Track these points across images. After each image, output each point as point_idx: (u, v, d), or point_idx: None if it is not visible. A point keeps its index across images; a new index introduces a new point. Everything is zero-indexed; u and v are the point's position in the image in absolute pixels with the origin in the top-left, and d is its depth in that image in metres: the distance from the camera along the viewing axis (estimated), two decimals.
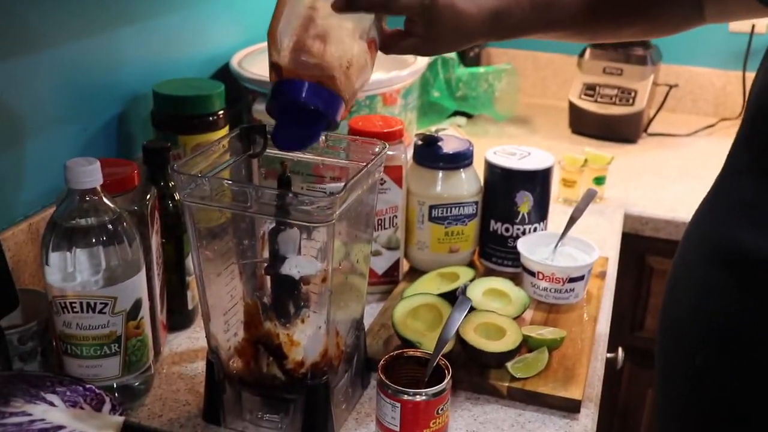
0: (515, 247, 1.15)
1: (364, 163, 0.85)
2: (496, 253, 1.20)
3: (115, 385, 0.89)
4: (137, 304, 0.88)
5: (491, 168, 1.18)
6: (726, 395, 0.79)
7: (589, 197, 1.20)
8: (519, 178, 1.16)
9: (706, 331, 0.80)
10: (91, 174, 0.83)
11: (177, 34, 1.35)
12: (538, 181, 1.17)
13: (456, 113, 1.81)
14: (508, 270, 1.20)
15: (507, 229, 1.18)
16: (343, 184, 0.80)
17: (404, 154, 1.12)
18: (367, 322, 1.07)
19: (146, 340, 0.91)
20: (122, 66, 1.22)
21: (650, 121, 1.85)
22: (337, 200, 0.78)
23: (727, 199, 0.81)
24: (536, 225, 1.18)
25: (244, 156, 0.93)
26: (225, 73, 1.43)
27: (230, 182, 0.84)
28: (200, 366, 0.99)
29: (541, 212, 1.19)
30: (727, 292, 0.77)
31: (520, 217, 1.17)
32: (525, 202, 1.16)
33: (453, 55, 1.77)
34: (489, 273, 1.20)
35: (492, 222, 1.19)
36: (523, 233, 1.18)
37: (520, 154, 1.19)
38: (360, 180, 0.83)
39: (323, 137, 0.93)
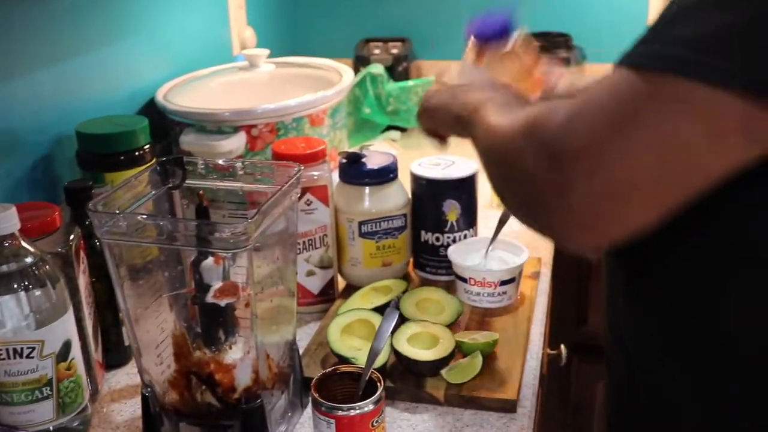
0: (447, 256, 1.17)
1: (279, 187, 0.87)
2: (429, 263, 1.22)
3: (51, 428, 0.89)
4: (66, 346, 0.89)
5: (417, 180, 1.20)
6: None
7: None
8: (444, 188, 1.18)
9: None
10: (7, 220, 0.84)
11: (99, 72, 1.35)
12: (464, 189, 1.19)
13: (389, 128, 1.83)
14: (443, 278, 1.21)
15: (437, 239, 1.20)
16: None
17: (328, 173, 1.13)
18: (306, 342, 1.08)
19: (80, 381, 0.91)
20: (44, 108, 1.22)
21: None
22: (251, 225, 0.79)
23: None
24: (465, 232, 1.21)
25: (163, 189, 0.94)
26: (152, 108, 1.43)
27: (145, 216, 0.85)
28: (139, 402, 0.99)
29: (469, 219, 1.21)
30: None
31: (449, 225, 1.19)
32: (452, 211, 1.18)
33: (381, 70, 1.79)
34: (424, 283, 1.22)
35: (423, 232, 1.21)
36: (454, 241, 1.20)
37: (444, 163, 1.22)
38: (276, 204, 0.85)
39: (241, 164, 0.94)
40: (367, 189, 1.17)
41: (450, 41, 2.11)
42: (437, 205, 1.18)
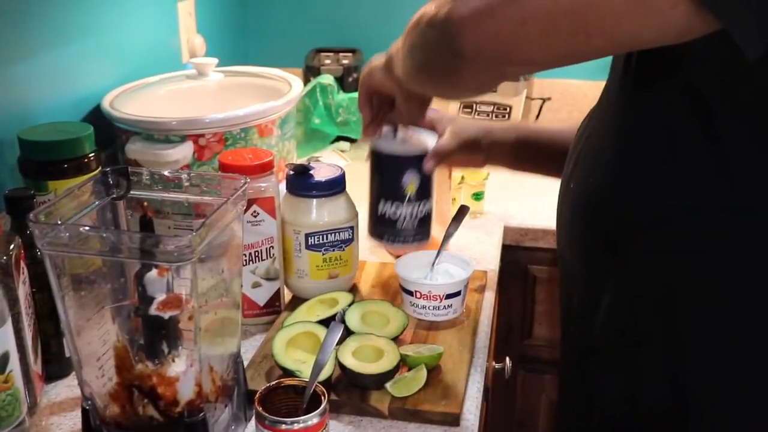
0: (405, 228, 1.15)
1: (224, 200, 0.86)
2: (387, 232, 1.17)
3: None
4: (4, 358, 0.87)
5: (377, 154, 1.17)
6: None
7: (462, 214, 1.24)
8: (405, 162, 1.14)
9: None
10: None
11: (44, 77, 1.33)
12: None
13: (339, 138, 1.84)
14: (399, 247, 1.20)
15: (396, 211, 1.17)
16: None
17: (275, 185, 1.13)
18: (250, 354, 1.07)
19: (17, 394, 0.90)
20: None
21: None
22: (196, 238, 0.78)
23: None
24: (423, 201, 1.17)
25: (107, 199, 0.93)
26: (98, 115, 1.41)
27: (87, 228, 0.84)
28: (80, 414, 0.98)
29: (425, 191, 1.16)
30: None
31: (407, 197, 1.14)
32: (411, 183, 1.14)
33: (332, 81, 1.79)
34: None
35: (382, 203, 1.16)
36: (412, 213, 1.16)
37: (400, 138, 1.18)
38: (221, 215, 0.84)
39: (186, 176, 0.94)
40: (314, 201, 1.17)
41: None
42: (397, 178, 1.14)
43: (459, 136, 1.16)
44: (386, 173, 1.15)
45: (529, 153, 1.18)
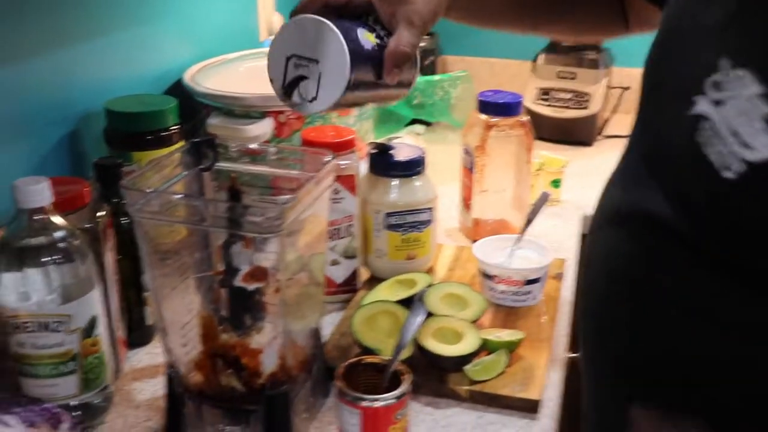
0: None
1: (313, 174, 0.86)
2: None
3: (74, 404, 0.89)
4: (92, 322, 0.88)
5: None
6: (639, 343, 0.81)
7: (543, 200, 1.22)
8: None
9: (612, 284, 0.82)
10: (39, 192, 0.83)
11: (128, 50, 1.34)
12: None
13: (414, 121, 1.83)
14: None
15: None
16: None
17: (357, 163, 1.12)
18: (328, 331, 1.07)
19: (104, 358, 0.91)
20: (73, 84, 1.21)
21: (605, 123, 1.87)
22: (285, 210, 0.78)
23: (617, 168, 0.84)
24: None
25: (195, 170, 0.93)
26: (179, 89, 1.42)
27: (180, 196, 0.84)
28: (161, 381, 0.99)
29: None
30: (623, 247, 0.80)
31: None
32: None
33: None
34: None
35: None
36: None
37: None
38: (309, 190, 0.84)
39: (273, 149, 0.94)
40: (395, 181, 1.16)
41: (478, 37, 2.11)
42: None
43: None
44: None
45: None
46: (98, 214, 0.95)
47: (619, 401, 0.82)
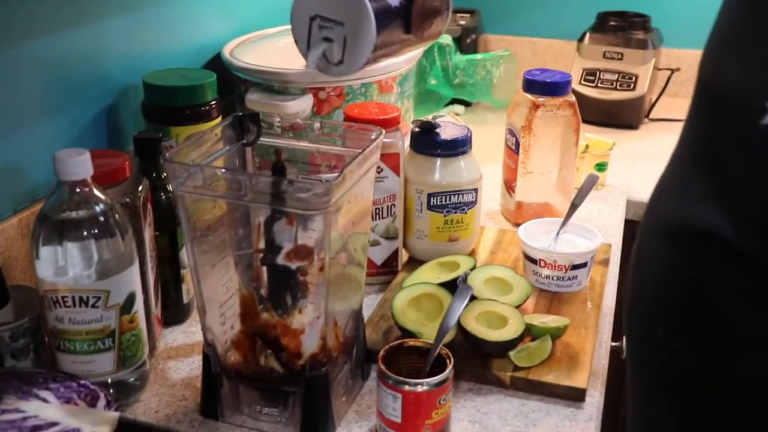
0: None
1: (360, 150, 0.83)
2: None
3: (109, 381, 0.87)
4: (131, 298, 0.86)
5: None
6: (689, 364, 0.77)
7: (591, 183, 1.18)
8: None
9: (666, 301, 0.78)
10: (81, 165, 0.81)
11: (167, 24, 1.32)
12: None
13: (454, 101, 1.79)
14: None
15: None
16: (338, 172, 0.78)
17: (401, 141, 1.09)
18: (367, 313, 1.05)
19: (141, 335, 0.89)
20: (111, 57, 1.19)
21: (652, 106, 1.82)
22: (333, 187, 0.76)
23: (673, 175, 0.79)
24: None
25: (237, 145, 0.91)
26: (217, 63, 1.40)
27: (224, 170, 0.82)
28: (196, 361, 0.97)
29: None
30: (679, 264, 0.76)
31: None
32: None
33: (450, 41, 1.75)
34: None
35: None
36: None
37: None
38: (356, 167, 0.81)
39: (318, 124, 0.91)
40: (438, 160, 1.13)
41: (521, 15, 2.06)
42: None
43: None
44: None
45: None
46: (138, 188, 0.93)
47: (664, 412, 0.79)
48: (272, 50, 1.49)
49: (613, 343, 1.34)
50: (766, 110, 0.62)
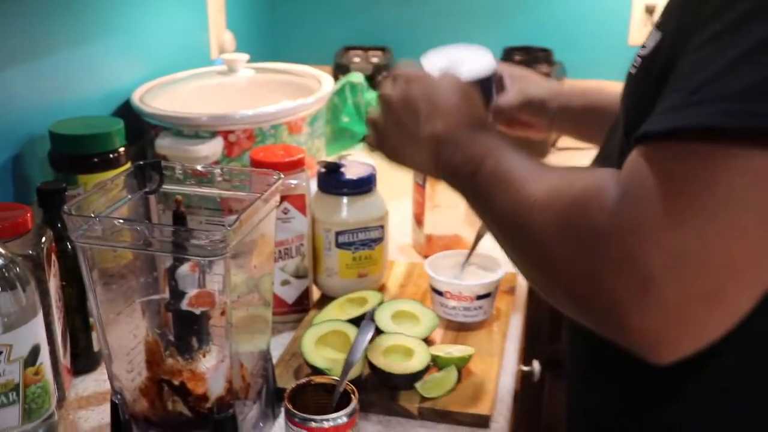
0: None
1: (258, 195, 0.86)
2: None
3: None
4: (35, 350, 0.86)
5: None
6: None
7: None
8: None
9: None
10: None
11: (75, 71, 1.33)
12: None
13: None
14: None
15: None
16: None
17: (307, 182, 1.12)
18: (279, 352, 1.07)
19: (47, 386, 0.89)
20: (16, 106, 1.20)
21: (558, 136, 1.89)
22: (230, 233, 0.78)
23: None
24: None
25: (140, 193, 0.93)
26: (127, 109, 1.41)
27: (122, 221, 0.83)
28: (107, 408, 0.97)
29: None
30: None
31: None
32: None
33: (361, 79, 1.79)
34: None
35: None
36: None
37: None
38: (254, 211, 0.84)
39: (219, 170, 0.93)
40: (345, 199, 1.16)
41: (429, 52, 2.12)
42: None
43: (525, 94, 1.07)
44: None
45: (597, 120, 1.02)
46: (41, 240, 0.94)
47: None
48: (183, 94, 1.51)
49: (525, 368, 1.39)
50: None
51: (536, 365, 1.39)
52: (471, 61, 0.99)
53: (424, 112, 0.87)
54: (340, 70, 1.92)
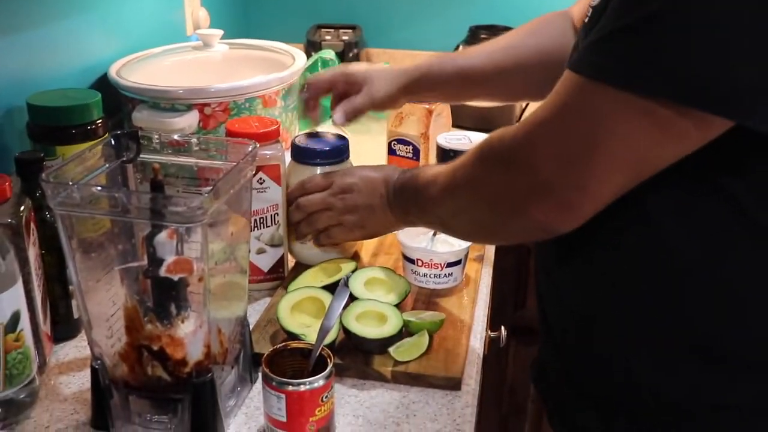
0: None
1: (235, 163, 0.88)
2: None
3: None
4: (15, 317, 0.88)
5: (444, 153, 1.28)
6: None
7: None
8: None
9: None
10: None
11: (53, 45, 1.34)
12: None
13: None
14: None
15: None
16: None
17: (282, 153, 1.14)
18: (255, 319, 1.09)
19: (28, 353, 0.91)
20: None
21: (523, 110, 1.92)
22: (206, 200, 0.80)
23: None
24: None
25: (117, 162, 0.94)
26: (104, 83, 1.42)
27: (100, 188, 0.85)
28: (88, 374, 0.99)
29: None
30: None
31: None
32: None
33: (333, 56, 1.80)
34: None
35: None
36: None
37: (465, 138, 1.32)
38: (231, 180, 0.86)
39: (196, 140, 0.95)
40: (318, 169, 1.18)
41: (400, 30, 2.14)
42: None
43: (372, 97, 1.23)
44: None
45: (473, 85, 1.23)
46: (20, 208, 0.95)
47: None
48: (159, 68, 1.52)
49: (492, 333, 1.43)
50: None
51: (503, 331, 1.43)
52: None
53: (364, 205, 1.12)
54: (312, 47, 1.94)
